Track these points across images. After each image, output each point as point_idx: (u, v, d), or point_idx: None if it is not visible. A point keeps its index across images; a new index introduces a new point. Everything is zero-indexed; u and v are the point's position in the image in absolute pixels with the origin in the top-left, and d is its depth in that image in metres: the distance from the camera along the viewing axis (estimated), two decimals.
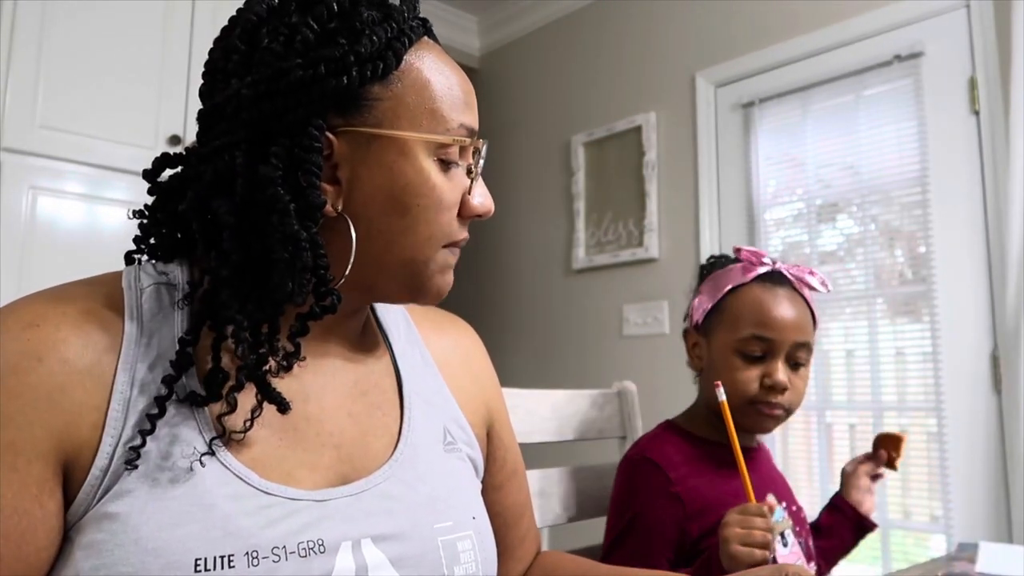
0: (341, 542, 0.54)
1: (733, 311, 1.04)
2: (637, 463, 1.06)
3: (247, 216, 0.54)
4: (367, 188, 0.57)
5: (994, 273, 1.83)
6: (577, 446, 1.28)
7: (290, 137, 0.54)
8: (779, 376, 1.01)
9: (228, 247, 0.53)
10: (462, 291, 3.96)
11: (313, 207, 0.54)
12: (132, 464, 0.50)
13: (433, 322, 0.77)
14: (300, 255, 0.53)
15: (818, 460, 2.12)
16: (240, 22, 0.58)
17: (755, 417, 1.04)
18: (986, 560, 1.01)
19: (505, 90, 3.26)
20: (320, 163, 0.54)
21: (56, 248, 1.90)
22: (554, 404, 1.19)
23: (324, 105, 0.55)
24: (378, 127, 0.56)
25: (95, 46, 1.98)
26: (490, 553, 0.65)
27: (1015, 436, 1.75)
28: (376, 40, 0.55)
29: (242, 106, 0.54)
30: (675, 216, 2.54)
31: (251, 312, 0.54)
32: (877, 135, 2.06)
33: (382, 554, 0.56)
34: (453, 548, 0.60)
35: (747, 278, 1.05)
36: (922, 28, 2.00)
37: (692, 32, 2.54)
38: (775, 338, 1.01)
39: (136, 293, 0.56)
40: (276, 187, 0.53)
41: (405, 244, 0.58)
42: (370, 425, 0.63)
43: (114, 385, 0.51)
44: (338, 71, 0.54)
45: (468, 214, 0.62)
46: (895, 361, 2.01)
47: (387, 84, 0.57)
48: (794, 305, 1.04)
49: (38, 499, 0.48)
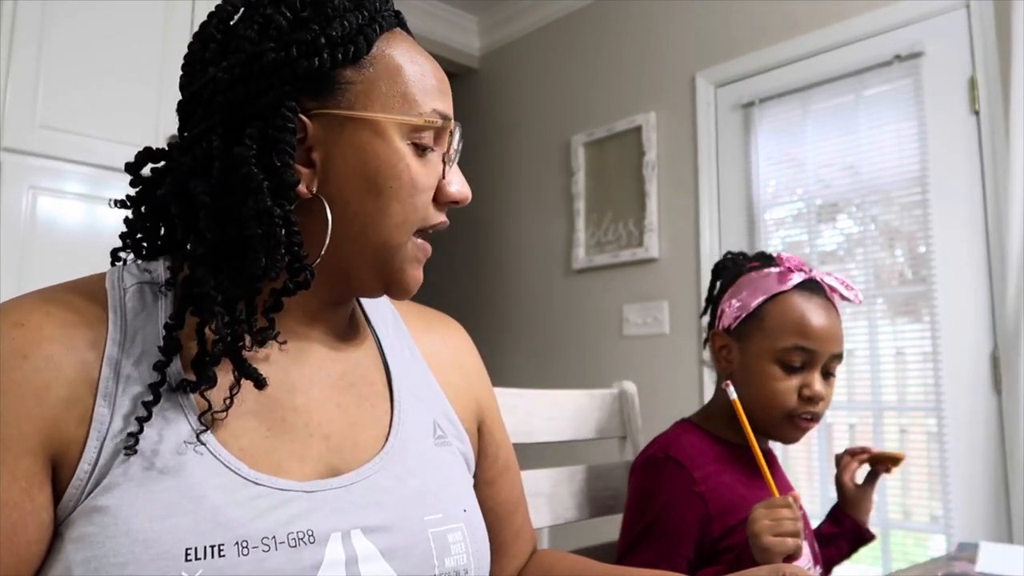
0: (331, 533, 0.55)
1: (774, 319, 1.03)
2: (661, 461, 1.04)
3: (223, 196, 0.55)
4: (341, 170, 0.58)
5: (994, 273, 1.83)
6: (577, 446, 1.28)
7: (264, 119, 0.55)
8: (818, 387, 1.02)
9: (204, 226, 0.55)
10: (462, 291, 3.97)
11: (286, 185, 0.55)
12: (131, 449, 0.51)
13: (422, 319, 0.78)
14: (273, 231, 0.54)
15: (818, 460, 2.12)
16: (217, 13, 0.60)
17: (788, 429, 1.04)
18: (986, 560, 1.01)
19: (505, 90, 3.26)
20: (293, 143, 0.56)
21: (56, 248, 1.90)
22: (554, 404, 1.19)
23: (297, 88, 0.56)
24: (351, 109, 0.58)
25: (95, 46, 1.98)
26: (482, 546, 0.65)
27: (1015, 436, 1.75)
28: (347, 25, 0.57)
29: (217, 90, 0.56)
30: (675, 216, 2.54)
31: (226, 288, 0.55)
32: (877, 135, 2.06)
33: (372, 545, 0.56)
34: (443, 540, 0.61)
35: (786, 286, 1.04)
36: (922, 28, 2.00)
37: (692, 32, 2.54)
38: (817, 349, 1.01)
39: (119, 293, 0.57)
40: (250, 166, 0.54)
41: (379, 226, 0.59)
42: (358, 416, 0.63)
43: (99, 382, 0.52)
44: (309, 53, 0.56)
45: (444, 200, 0.63)
46: (895, 361, 2.01)
47: (359, 68, 0.58)
48: (831, 315, 1.04)
49: (27, 492, 0.49)
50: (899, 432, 1.98)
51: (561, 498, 1.15)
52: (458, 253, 3.38)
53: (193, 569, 0.49)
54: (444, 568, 0.60)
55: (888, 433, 1.99)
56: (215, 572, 0.49)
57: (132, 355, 0.54)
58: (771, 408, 1.03)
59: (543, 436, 1.15)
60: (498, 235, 3.19)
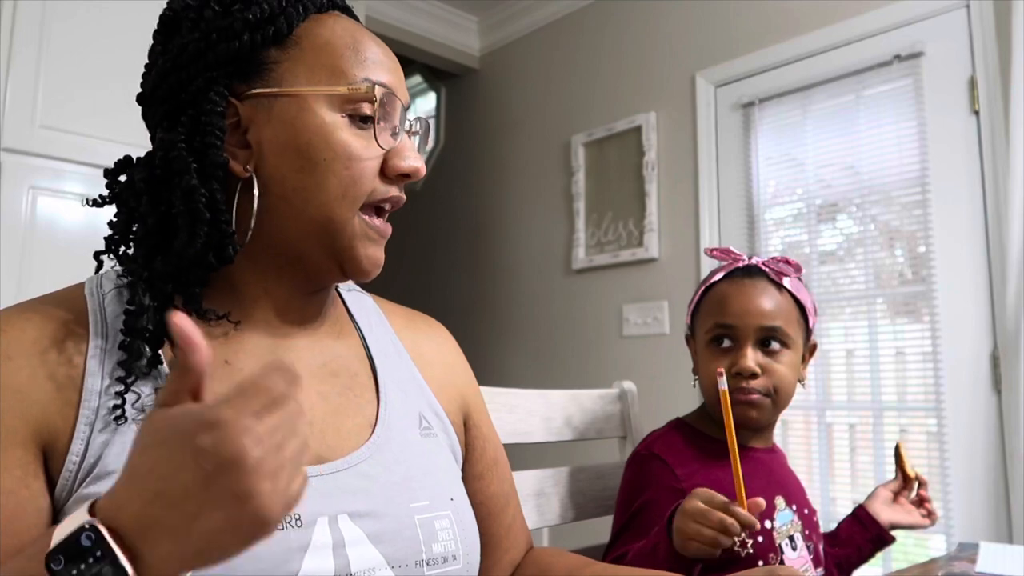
0: (318, 517, 0.56)
1: (704, 307, 1.08)
2: (645, 458, 1.06)
3: (161, 182, 0.58)
4: (274, 147, 0.59)
5: (994, 273, 1.83)
6: (577, 446, 1.28)
7: (195, 106, 0.58)
8: (744, 362, 1.01)
9: (144, 211, 0.58)
10: (462, 291, 3.96)
11: (214, 165, 0.57)
12: (120, 412, 0.53)
13: (405, 318, 0.79)
14: (196, 207, 0.56)
15: (818, 460, 2.12)
16: (161, 18, 0.63)
17: (733, 406, 1.03)
18: (986, 560, 1.01)
19: (505, 90, 3.26)
20: (222, 125, 0.58)
21: (56, 248, 1.90)
22: (554, 404, 1.19)
23: (223, 72, 0.58)
24: (277, 87, 0.59)
25: (95, 46, 1.98)
26: (471, 533, 0.66)
27: (1015, 436, 1.75)
28: (267, 8, 0.59)
29: (156, 86, 0.60)
30: (675, 216, 2.54)
31: (156, 266, 0.58)
32: (877, 135, 2.06)
33: (359, 530, 0.57)
34: (431, 526, 0.62)
35: (718, 276, 1.08)
36: (922, 28, 2.00)
37: (692, 32, 2.54)
38: (736, 324, 1.03)
39: (99, 299, 0.59)
40: (178, 150, 0.57)
41: (319, 201, 0.60)
42: (342, 406, 0.64)
43: (84, 377, 0.55)
44: (228, 37, 0.58)
45: (392, 172, 0.62)
46: (895, 361, 2.01)
47: (284, 47, 0.60)
48: (762, 293, 1.04)
49: (23, 480, 0.51)
50: (899, 432, 1.98)
51: (561, 498, 1.15)
52: (458, 253, 3.38)
53: None
54: (432, 553, 0.61)
55: (888, 433, 1.99)
56: None
57: (115, 355, 0.56)
58: (707, 389, 1.06)
59: (543, 436, 1.15)
60: (498, 235, 3.19)
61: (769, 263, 1.08)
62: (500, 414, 1.06)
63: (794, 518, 1.03)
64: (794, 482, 1.12)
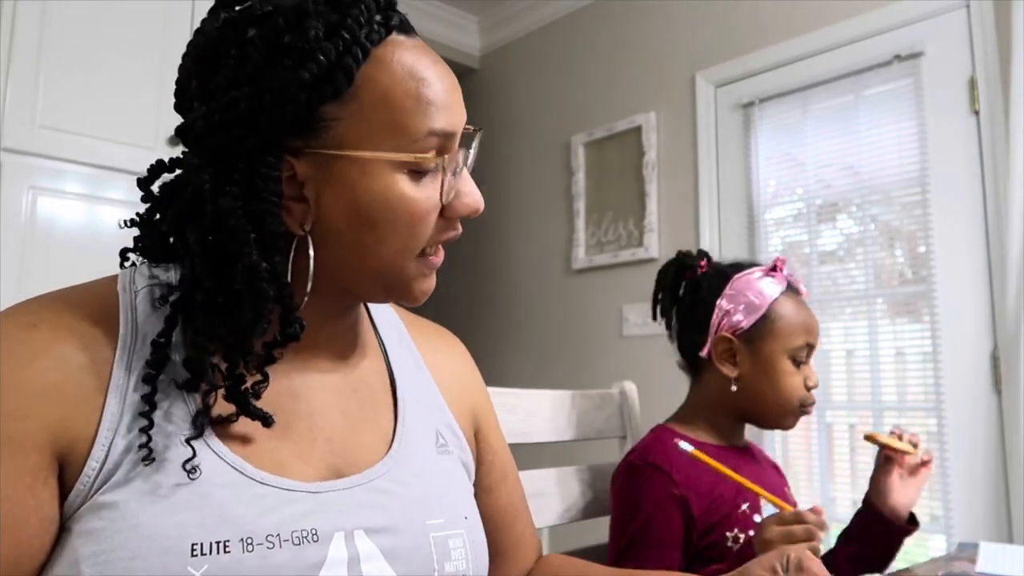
0: (334, 532, 0.55)
1: (787, 319, 1.09)
2: (640, 468, 1.07)
3: (215, 243, 0.54)
4: (333, 206, 0.56)
5: (994, 273, 1.83)
6: (577, 446, 1.28)
7: (249, 164, 0.54)
8: (817, 377, 1.11)
9: (199, 273, 0.54)
10: (462, 291, 3.96)
11: (273, 235, 0.54)
12: (148, 460, 0.51)
13: (421, 330, 0.78)
14: (260, 286, 0.53)
15: (818, 460, 2.12)
16: (194, 45, 0.57)
17: (794, 418, 1.11)
18: (986, 560, 1.01)
19: (505, 90, 3.26)
20: (279, 190, 0.54)
21: (56, 248, 1.90)
22: (554, 404, 1.19)
23: (277, 131, 0.54)
24: (337, 148, 0.55)
25: (95, 46, 1.98)
26: (481, 553, 0.66)
27: (1015, 436, 1.75)
28: (323, 59, 0.53)
29: (202, 134, 0.54)
30: (675, 216, 2.54)
31: (223, 337, 0.54)
32: (877, 135, 2.06)
33: (374, 546, 0.57)
34: (444, 545, 0.61)
35: (784, 286, 1.12)
36: (922, 28, 2.00)
37: (692, 32, 2.54)
38: (815, 344, 1.11)
39: (131, 295, 0.57)
40: (237, 218, 0.53)
41: (379, 254, 0.58)
42: (361, 421, 0.64)
43: (111, 380, 0.53)
44: (283, 100, 0.53)
45: (453, 215, 0.60)
46: (895, 361, 2.01)
47: (343, 103, 0.55)
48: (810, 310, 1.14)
49: (31, 488, 0.50)
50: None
51: (561, 498, 1.15)
52: (458, 253, 3.38)
53: (199, 564, 0.49)
54: (444, 572, 0.60)
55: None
56: (220, 568, 0.50)
57: (143, 356, 0.55)
58: (788, 402, 1.09)
59: (543, 436, 1.15)
60: (498, 235, 3.19)
61: (791, 278, 1.14)
62: (500, 414, 1.05)
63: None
64: (773, 473, 1.19)
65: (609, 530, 1.10)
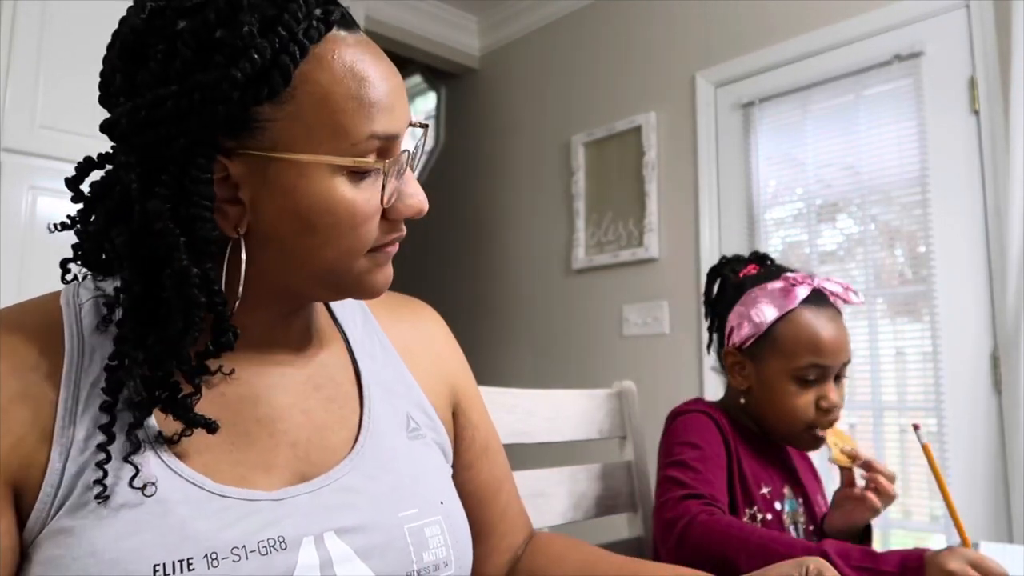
0: (302, 537, 0.54)
1: (787, 339, 1.04)
2: (692, 413, 1.09)
3: (143, 246, 0.52)
4: (271, 209, 0.53)
5: (994, 273, 1.83)
6: (577, 446, 1.28)
7: (179, 165, 0.51)
8: (833, 397, 1.03)
9: (128, 277, 0.52)
10: (462, 291, 3.95)
11: (204, 240, 0.51)
12: (102, 497, 0.49)
13: (389, 308, 0.75)
14: (190, 292, 0.51)
15: (818, 460, 2.11)
16: (118, 36, 0.53)
17: (808, 440, 1.06)
18: None
19: (505, 90, 3.26)
20: (210, 193, 0.51)
21: (56, 248, 1.87)
22: (554, 404, 1.19)
23: (208, 131, 0.50)
24: (273, 150, 0.52)
25: (95, 46, 1.97)
26: (462, 536, 0.65)
27: (1015, 436, 1.75)
28: (258, 58, 0.49)
29: (129, 132, 0.51)
30: (675, 216, 2.54)
31: (150, 347, 0.52)
32: (877, 135, 2.06)
33: (347, 546, 0.56)
34: (421, 535, 0.60)
35: (794, 303, 1.04)
36: (922, 28, 2.00)
37: (692, 32, 2.54)
38: (830, 363, 1.03)
39: (75, 310, 0.56)
40: (165, 221, 0.50)
41: (324, 258, 0.55)
42: (326, 420, 0.62)
43: (58, 402, 0.51)
44: (214, 100, 0.49)
45: (397, 217, 0.58)
46: (895, 361, 2.01)
47: (279, 103, 0.51)
48: (839, 325, 1.05)
49: None
50: (899, 432, 1.98)
51: (561, 498, 1.15)
52: (458, 253, 3.38)
53: None
54: (423, 563, 0.59)
55: (888, 433, 1.99)
56: None
57: (91, 373, 0.53)
58: (792, 423, 1.04)
59: (543, 436, 1.15)
60: (498, 235, 3.19)
61: (831, 288, 1.07)
62: (500, 414, 1.06)
63: (799, 507, 1.08)
64: (806, 475, 1.17)
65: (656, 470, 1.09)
